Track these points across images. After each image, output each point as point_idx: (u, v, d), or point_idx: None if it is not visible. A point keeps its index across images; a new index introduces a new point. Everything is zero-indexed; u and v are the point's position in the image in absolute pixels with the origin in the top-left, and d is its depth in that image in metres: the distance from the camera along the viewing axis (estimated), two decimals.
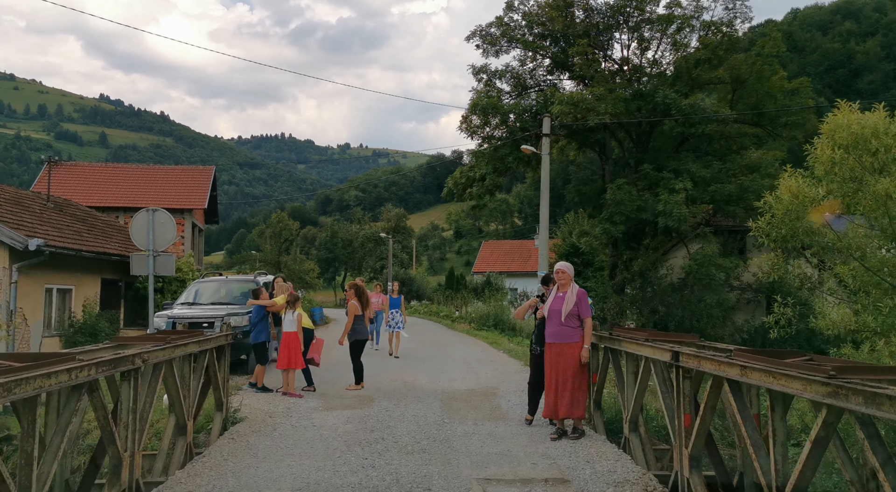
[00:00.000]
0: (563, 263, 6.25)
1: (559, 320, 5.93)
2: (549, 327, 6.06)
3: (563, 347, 5.92)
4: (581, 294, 5.98)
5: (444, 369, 11.71)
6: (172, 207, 25.73)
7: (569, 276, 6.09)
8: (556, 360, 5.95)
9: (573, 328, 5.93)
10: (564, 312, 5.89)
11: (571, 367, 5.89)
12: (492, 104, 22.74)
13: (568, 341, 5.91)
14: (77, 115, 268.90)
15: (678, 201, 19.04)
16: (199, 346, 5.45)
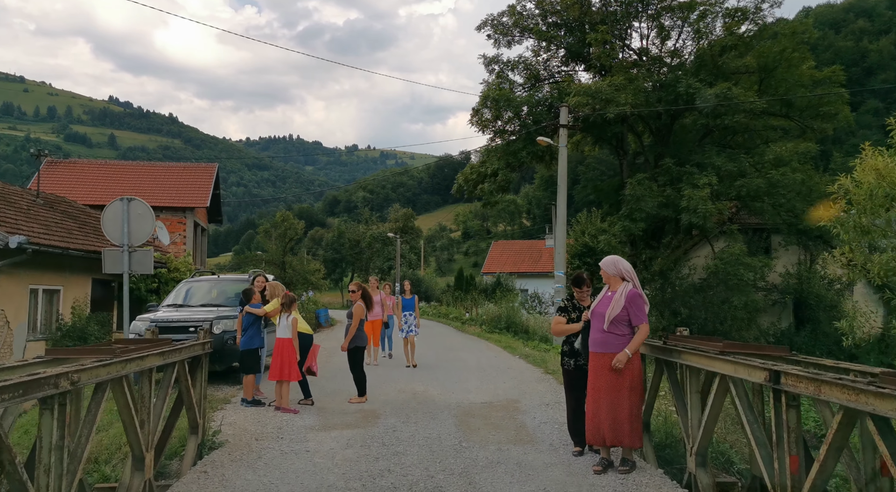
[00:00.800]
0: (610, 259, 5.13)
1: (604, 324, 4.88)
2: (592, 334, 4.98)
3: (608, 359, 4.86)
4: (633, 296, 4.89)
5: (457, 377, 10.66)
6: (174, 205, 24.96)
7: (618, 271, 4.99)
8: (600, 373, 4.87)
9: (619, 336, 4.84)
10: (609, 316, 4.81)
11: (623, 383, 4.81)
12: (504, 96, 21.70)
13: (615, 351, 4.85)
14: (86, 117, 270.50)
15: (703, 197, 17.90)
16: (164, 358, 4.43)
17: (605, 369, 4.84)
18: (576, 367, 5.41)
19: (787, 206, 19.04)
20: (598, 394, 4.84)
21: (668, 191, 19.55)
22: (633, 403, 4.80)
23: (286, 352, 7.29)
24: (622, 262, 5.09)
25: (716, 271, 18.30)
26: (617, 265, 5.04)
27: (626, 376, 4.80)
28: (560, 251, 17.13)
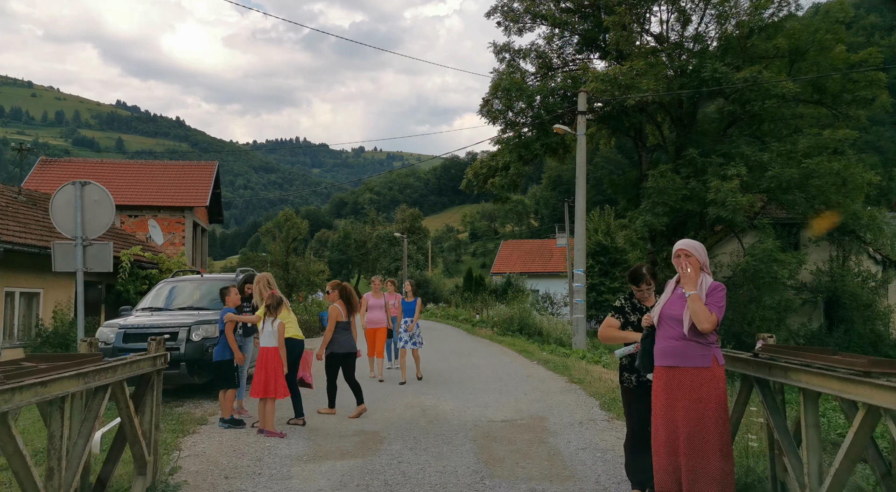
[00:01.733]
0: (688, 242, 3.91)
1: (679, 331, 3.64)
2: (661, 341, 3.76)
3: (686, 376, 3.64)
4: (715, 288, 3.67)
5: (471, 387, 9.45)
6: (172, 204, 23.95)
7: (699, 260, 3.78)
8: (674, 395, 3.64)
9: (704, 345, 3.60)
10: (689, 318, 3.61)
11: (707, 410, 3.52)
12: (516, 84, 20.49)
13: (696, 366, 3.61)
14: (94, 121, 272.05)
15: (732, 189, 16.62)
16: (86, 381, 3.26)
17: (681, 388, 3.59)
18: (640, 384, 4.18)
19: (822, 198, 17.74)
20: (673, 425, 3.60)
21: (693, 183, 18.29)
22: (723, 438, 3.55)
23: (271, 364, 6.11)
24: (702, 246, 3.87)
25: (746, 269, 17.00)
26: (702, 250, 3.81)
27: (712, 399, 3.55)
28: (580, 247, 15.89)
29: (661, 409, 3.68)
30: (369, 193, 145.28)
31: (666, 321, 3.71)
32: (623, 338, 4.25)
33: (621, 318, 4.30)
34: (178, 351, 7.48)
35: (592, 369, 11.30)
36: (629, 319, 4.29)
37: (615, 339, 4.29)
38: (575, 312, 15.57)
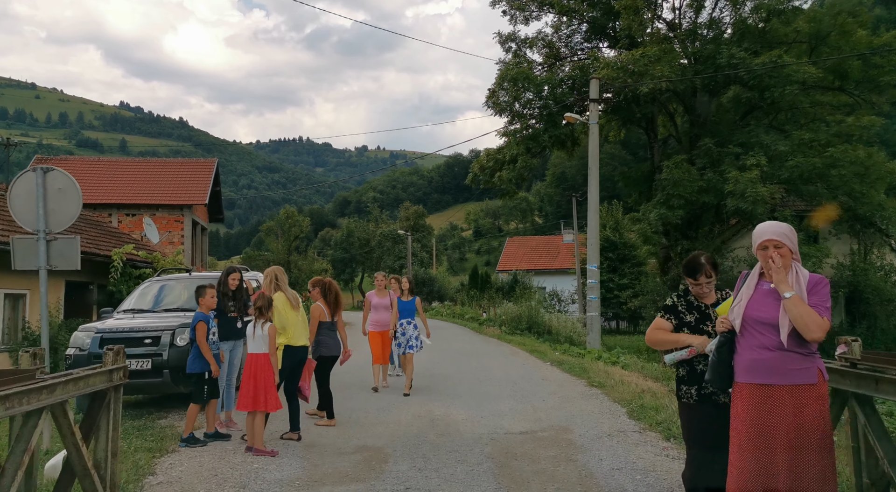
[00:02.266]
0: (775, 227, 3.05)
1: (773, 339, 2.88)
2: (746, 352, 2.96)
3: (784, 396, 2.84)
4: (817, 284, 2.91)
5: (484, 393, 8.72)
6: (171, 202, 23.31)
7: (791, 250, 3.01)
8: (770, 419, 2.85)
9: (806, 356, 2.84)
10: (789, 324, 2.82)
11: (811, 438, 2.77)
12: (523, 74, 19.73)
13: (797, 383, 2.82)
14: (98, 122, 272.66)
15: (752, 179, 15.82)
16: (6, 406, 2.54)
17: (778, 412, 2.82)
18: (701, 398, 3.40)
19: (845, 188, 16.92)
20: (767, 457, 2.83)
21: (709, 174, 17.50)
22: (828, 471, 2.79)
23: (261, 373, 5.39)
24: (793, 231, 3.10)
25: None
26: (795, 238, 3.05)
27: (817, 425, 2.78)
28: (593, 242, 15.12)
29: (747, 436, 2.89)
30: (373, 192, 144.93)
31: (753, 327, 2.95)
32: (675, 342, 3.49)
33: (674, 319, 3.55)
34: (160, 357, 6.78)
35: (612, 371, 10.55)
36: (684, 319, 3.53)
37: (666, 343, 3.53)
38: (589, 310, 14.83)
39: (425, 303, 47.65)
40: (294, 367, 6.00)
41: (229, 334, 6.21)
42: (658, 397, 7.85)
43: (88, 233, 15.63)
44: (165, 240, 23.24)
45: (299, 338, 5.97)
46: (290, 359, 5.85)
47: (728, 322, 3.07)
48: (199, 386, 5.64)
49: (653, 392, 8.24)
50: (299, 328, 5.97)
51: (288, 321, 5.84)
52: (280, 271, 6.17)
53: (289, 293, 5.98)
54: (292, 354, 5.94)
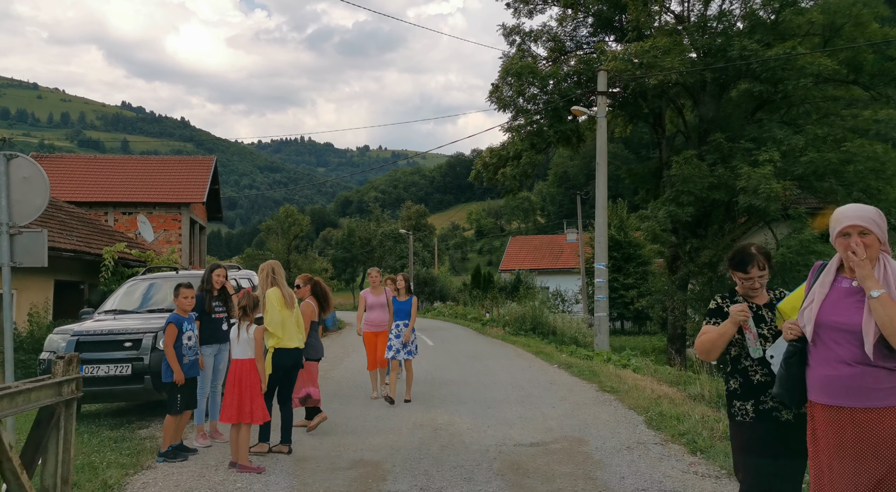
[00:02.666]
0: (861, 211, 2.51)
1: (855, 351, 2.35)
2: (820, 367, 2.45)
3: (871, 421, 2.32)
4: None
5: (489, 399, 8.21)
6: (168, 201, 22.88)
7: (879, 239, 2.49)
8: (857, 448, 2.32)
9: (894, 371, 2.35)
10: (873, 329, 2.31)
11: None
12: (527, 68, 19.18)
13: (889, 405, 2.30)
14: (99, 122, 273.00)
15: (766, 175, 15.27)
16: None
17: (866, 441, 2.31)
18: (760, 415, 2.85)
19: (861, 185, 16.35)
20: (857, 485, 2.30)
21: (720, 170, 16.94)
22: None
23: (246, 381, 4.88)
24: (880, 215, 2.58)
25: (782, 261, 15.64)
26: (882, 222, 2.54)
27: None
28: (601, 240, 14.59)
29: (833, 466, 2.35)
30: (374, 192, 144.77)
31: (829, 333, 2.43)
32: (720, 336, 2.89)
33: (719, 321, 3.03)
34: (141, 362, 6.29)
35: (624, 374, 10.03)
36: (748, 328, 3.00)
37: (714, 343, 2.92)
38: (597, 310, 14.31)
39: (426, 303, 47.13)
40: (287, 371, 5.49)
41: (213, 338, 5.70)
42: (676, 403, 7.33)
43: (80, 231, 15.16)
44: (163, 239, 22.83)
45: (291, 339, 5.43)
46: (281, 363, 5.33)
47: (797, 328, 2.55)
48: (173, 395, 5.13)
49: (670, 398, 7.72)
50: (292, 329, 5.43)
51: (281, 320, 5.32)
52: (277, 265, 5.65)
53: (285, 290, 5.46)
54: (284, 357, 5.42)
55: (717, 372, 9.35)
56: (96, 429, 6.29)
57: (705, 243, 18.58)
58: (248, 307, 4.96)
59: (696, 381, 8.75)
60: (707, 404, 7.40)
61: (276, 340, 5.27)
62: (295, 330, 5.45)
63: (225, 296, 5.84)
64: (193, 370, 5.30)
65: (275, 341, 5.28)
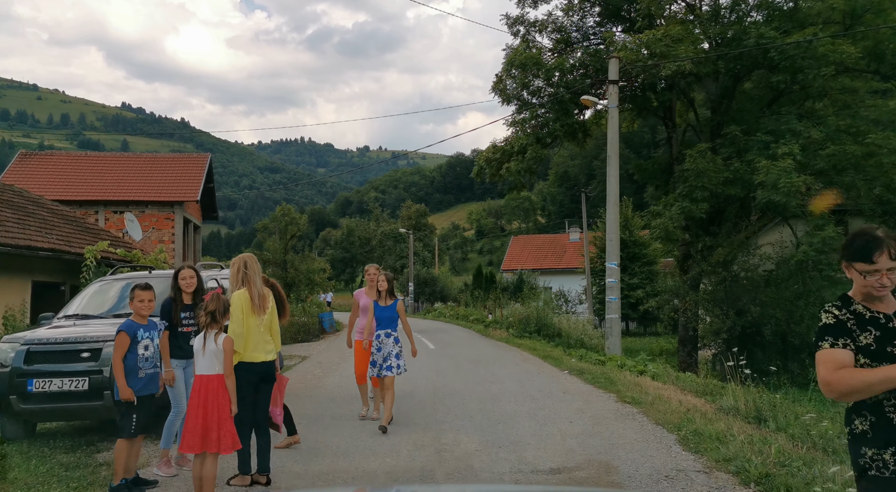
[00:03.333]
0: None
1: None
2: None
3: None
4: None
5: (498, 412, 7.40)
6: (161, 199, 22.14)
7: None
8: None
9: None
10: None
11: None
12: (532, 59, 18.38)
13: None
14: (99, 123, 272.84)
15: (786, 169, 14.45)
16: None
17: None
18: None
19: (884, 179, 15.53)
20: None
21: (736, 164, 16.12)
22: None
23: (212, 402, 4.07)
24: None
25: (804, 260, 14.82)
26: None
27: None
28: (612, 237, 13.78)
29: None
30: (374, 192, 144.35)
31: None
32: (885, 379, 2.01)
33: (849, 342, 2.16)
34: (100, 375, 5.46)
35: (642, 382, 9.22)
36: (860, 341, 2.16)
37: (867, 387, 2.04)
38: (608, 312, 13.49)
39: (427, 304, 46.25)
40: (256, 386, 4.60)
41: (182, 350, 4.87)
42: (710, 418, 6.52)
43: (61, 229, 14.36)
44: (155, 239, 22.11)
45: (256, 351, 4.56)
46: (245, 377, 4.48)
47: None
48: (126, 416, 4.31)
49: (701, 412, 6.91)
50: (258, 340, 4.56)
51: (245, 331, 4.48)
52: (251, 260, 4.71)
53: (254, 291, 4.59)
54: (247, 371, 4.50)
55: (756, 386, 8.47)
56: (49, 452, 5.48)
57: (718, 241, 17.76)
58: (216, 313, 4.14)
59: (727, 391, 7.94)
60: (744, 419, 6.59)
61: (237, 355, 4.41)
62: (263, 340, 4.58)
63: (196, 300, 5.00)
64: (151, 386, 4.47)
65: (236, 356, 4.42)
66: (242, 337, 4.45)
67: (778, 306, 17.30)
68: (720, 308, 17.75)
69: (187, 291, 5.05)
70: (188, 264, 5.26)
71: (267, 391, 4.66)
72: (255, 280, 4.59)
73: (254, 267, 4.66)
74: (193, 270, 5.13)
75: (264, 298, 4.64)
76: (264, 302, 4.63)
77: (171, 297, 4.99)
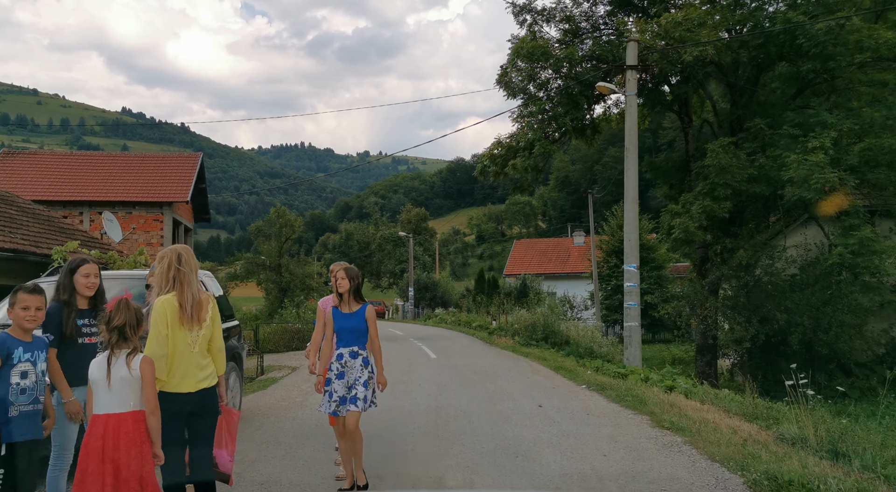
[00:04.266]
0: None
1: None
2: None
3: None
4: None
5: (514, 439, 6.18)
6: (149, 200, 21.05)
7: None
8: None
9: None
10: None
11: None
12: (540, 49, 17.24)
13: None
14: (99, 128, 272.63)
15: (820, 164, 13.27)
16: None
17: None
18: None
19: None
20: None
21: (761, 159, 14.95)
22: None
23: (125, 451, 2.86)
24: None
25: (840, 262, 13.60)
26: None
27: None
28: (632, 237, 12.55)
29: None
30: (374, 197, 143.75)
31: None
32: None
33: None
34: None
35: (677, 402, 7.97)
36: None
37: None
38: (627, 319, 12.25)
39: (428, 309, 44.94)
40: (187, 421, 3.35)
41: (82, 375, 3.58)
42: (776, 454, 5.28)
43: (28, 228, 13.16)
44: (143, 241, 20.97)
45: (186, 378, 3.31)
46: (171, 414, 3.22)
47: None
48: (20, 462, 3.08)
49: (762, 444, 5.68)
50: (188, 361, 3.32)
51: (170, 351, 3.26)
52: (186, 252, 3.48)
53: (187, 295, 3.35)
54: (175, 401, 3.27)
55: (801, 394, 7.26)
56: None
57: (740, 243, 16.55)
58: (127, 327, 2.94)
59: (781, 414, 6.72)
60: (815, 453, 5.36)
61: (159, 382, 3.20)
62: (195, 363, 3.35)
63: (97, 307, 3.80)
64: (31, 429, 3.20)
65: (158, 384, 3.20)
66: (166, 359, 3.24)
67: (805, 313, 16.11)
68: (742, 315, 16.54)
69: (85, 294, 3.82)
70: (89, 258, 4.04)
71: (205, 429, 3.40)
72: (191, 281, 3.37)
73: (190, 263, 3.43)
74: (95, 265, 3.88)
75: (200, 306, 3.40)
76: (199, 311, 3.38)
77: (62, 300, 3.75)
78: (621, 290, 33.02)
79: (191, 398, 3.31)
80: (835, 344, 16.22)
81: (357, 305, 4.67)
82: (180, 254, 3.41)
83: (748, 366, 18.21)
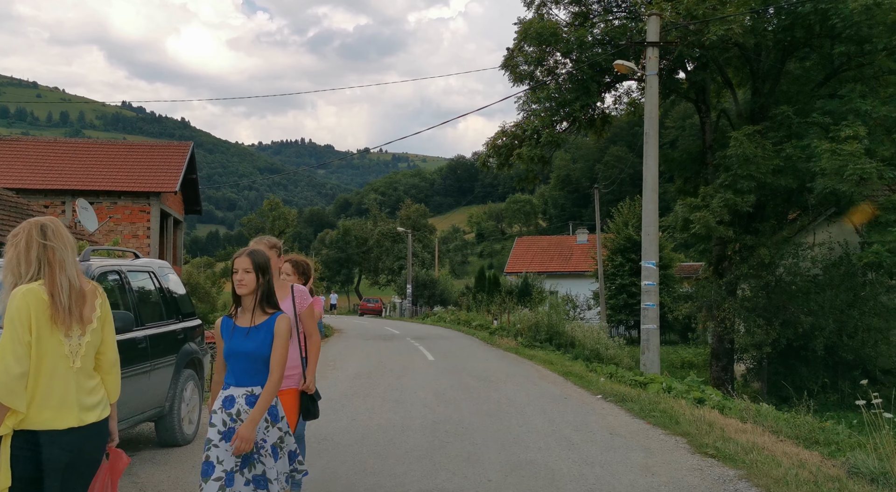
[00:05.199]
0: None
1: None
2: None
3: None
4: None
5: (527, 467, 5.06)
6: (135, 190, 20.00)
7: None
8: None
9: None
10: None
11: None
12: (549, 30, 16.10)
13: None
14: (99, 122, 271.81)
15: (856, 153, 12.14)
16: None
17: None
18: None
19: None
20: None
21: (788, 149, 13.81)
22: None
23: None
24: None
25: (877, 262, 12.48)
26: None
27: None
28: (650, 231, 11.41)
29: None
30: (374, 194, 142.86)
31: None
32: None
33: None
34: None
35: (714, 419, 6.83)
36: None
37: None
38: (644, 321, 11.12)
39: (426, 307, 43.80)
40: (59, 472, 2.18)
41: None
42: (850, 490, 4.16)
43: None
44: (128, 233, 19.88)
45: (64, 407, 2.20)
46: (36, 461, 2.06)
47: None
48: None
49: (836, 480, 4.55)
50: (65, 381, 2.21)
51: (30, 369, 2.12)
52: (57, 226, 2.33)
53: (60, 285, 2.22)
54: (45, 446, 2.17)
55: None
56: None
57: (761, 240, 15.43)
58: None
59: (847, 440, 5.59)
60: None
61: (14, 416, 2.09)
62: (77, 385, 2.23)
63: None
64: None
65: (13, 419, 2.09)
66: (24, 380, 2.10)
67: (830, 316, 15.02)
68: (763, 317, 15.43)
69: None
70: None
71: (82, 479, 2.25)
72: (66, 262, 2.24)
73: (62, 236, 2.29)
74: None
75: (82, 299, 2.29)
76: (81, 306, 2.28)
77: None
78: (626, 289, 32.08)
79: (72, 439, 2.19)
80: (861, 349, 15.15)
81: (264, 313, 2.84)
82: (44, 225, 2.26)
83: (766, 372, 17.13)
